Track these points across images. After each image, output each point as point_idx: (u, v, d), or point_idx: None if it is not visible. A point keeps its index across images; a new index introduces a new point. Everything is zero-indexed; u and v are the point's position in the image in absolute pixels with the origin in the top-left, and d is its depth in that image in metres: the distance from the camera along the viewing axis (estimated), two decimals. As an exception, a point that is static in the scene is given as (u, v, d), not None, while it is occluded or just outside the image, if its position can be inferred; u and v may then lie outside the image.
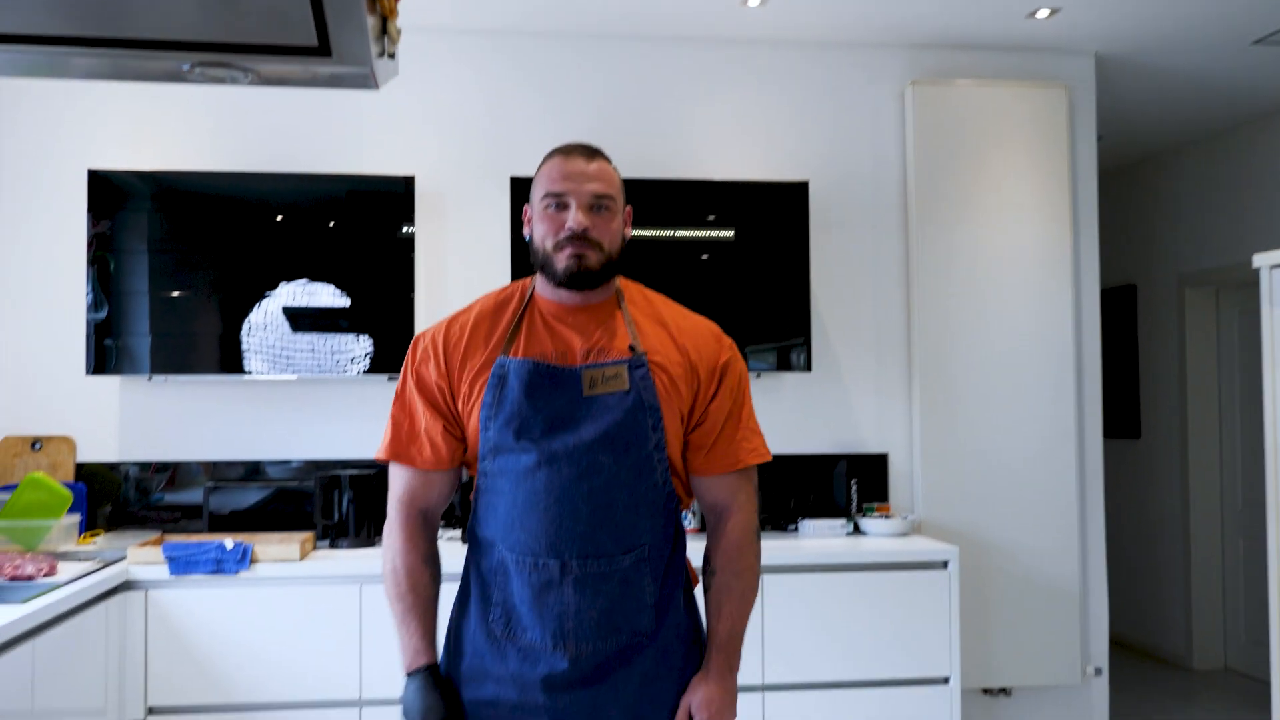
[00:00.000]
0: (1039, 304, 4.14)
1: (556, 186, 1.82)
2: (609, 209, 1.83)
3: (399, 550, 1.86)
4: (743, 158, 4.09)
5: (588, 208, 1.81)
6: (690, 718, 1.82)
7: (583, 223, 1.80)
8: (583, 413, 1.79)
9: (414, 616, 1.81)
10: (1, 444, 3.68)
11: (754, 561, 1.90)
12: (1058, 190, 4.17)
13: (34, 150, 3.78)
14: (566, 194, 1.81)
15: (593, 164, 1.83)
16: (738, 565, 1.88)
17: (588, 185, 1.81)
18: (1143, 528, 6.07)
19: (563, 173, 1.82)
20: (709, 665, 1.86)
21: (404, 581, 1.83)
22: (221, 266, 3.62)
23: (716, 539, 1.91)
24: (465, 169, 3.96)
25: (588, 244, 1.81)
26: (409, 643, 1.80)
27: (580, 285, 1.84)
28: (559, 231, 1.81)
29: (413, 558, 1.85)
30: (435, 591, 1.87)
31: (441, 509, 1.94)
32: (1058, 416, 4.13)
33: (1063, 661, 4.07)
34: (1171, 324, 5.84)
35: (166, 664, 3.14)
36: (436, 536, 1.93)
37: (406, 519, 1.88)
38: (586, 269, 1.81)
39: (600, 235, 1.82)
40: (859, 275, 4.15)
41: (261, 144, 3.86)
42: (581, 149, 1.86)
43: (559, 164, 1.83)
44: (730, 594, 1.88)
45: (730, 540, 1.89)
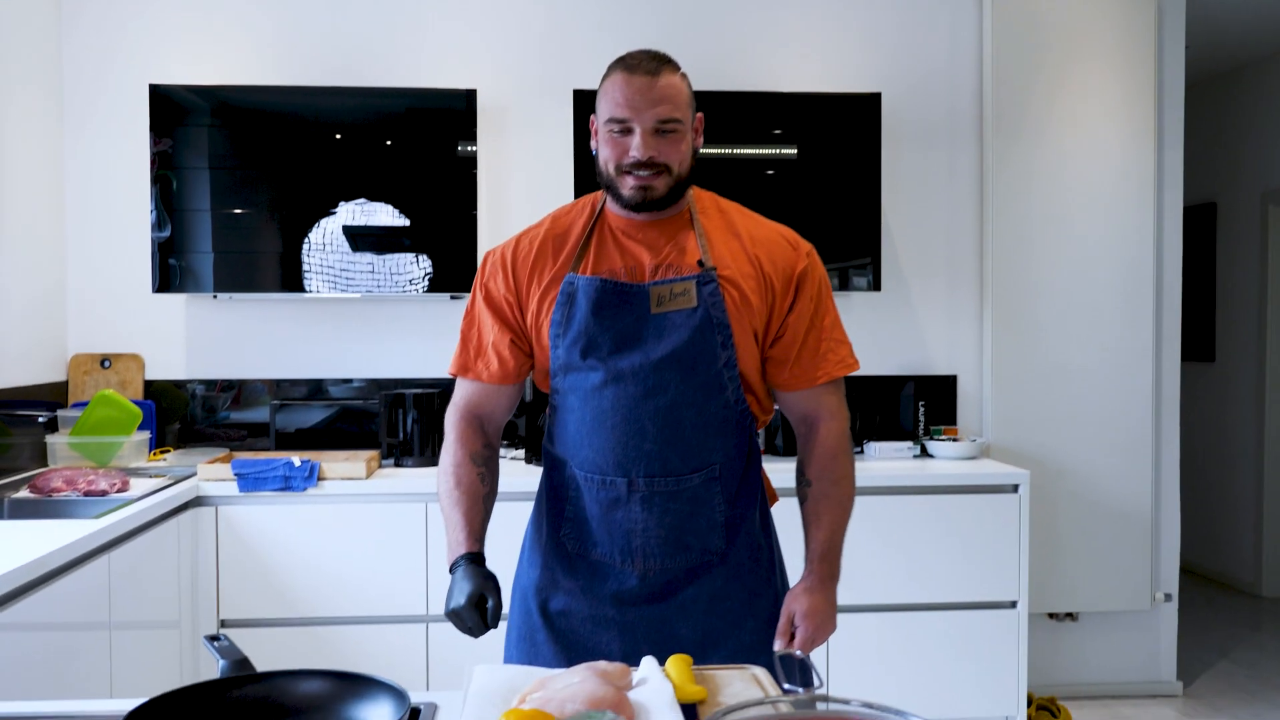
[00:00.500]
0: (1118, 221, 3.99)
1: (620, 111, 1.72)
2: (676, 130, 1.73)
3: (449, 449, 1.85)
4: (810, 69, 3.95)
5: (652, 132, 1.72)
6: (793, 628, 1.77)
7: (647, 151, 1.71)
8: (650, 331, 1.74)
9: (458, 510, 1.77)
10: (72, 361, 3.72)
11: (850, 470, 1.85)
12: (1142, 103, 3.98)
13: (96, 66, 3.75)
14: (629, 119, 1.71)
15: (658, 81, 1.71)
16: (834, 473, 1.83)
17: (652, 109, 1.70)
18: (1214, 453, 5.93)
19: (626, 96, 1.71)
20: (811, 575, 1.81)
21: (450, 478, 1.81)
22: (281, 185, 3.59)
23: (809, 450, 1.86)
24: (526, 82, 3.87)
25: (654, 170, 1.73)
26: (452, 538, 1.76)
27: (647, 210, 1.78)
28: (622, 158, 1.73)
29: (460, 454, 1.83)
30: (484, 489, 1.83)
31: (502, 420, 1.91)
32: (1134, 338, 4.01)
33: (1132, 587, 4.01)
34: (1253, 243, 5.63)
35: (237, 578, 3.19)
36: (493, 444, 1.89)
37: (460, 419, 1.87)
38: (653, 197, 1.74)
39: (667, 158, 1.73)
40: (930, 192, 4.02)
41: (321, 57, 3.80)
42: (646, 63, 1.72)
43: (621, 84, 1.72)
44: (828, 502, 1.83)
45: (824, 449, 1.84)
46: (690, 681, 1.37)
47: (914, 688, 3.41)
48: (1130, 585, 4.01)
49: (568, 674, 1.35)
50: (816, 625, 1.77)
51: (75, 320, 3.76)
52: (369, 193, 3.61)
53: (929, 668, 3.42)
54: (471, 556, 1.72)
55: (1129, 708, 3.97)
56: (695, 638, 1.78)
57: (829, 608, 1.80)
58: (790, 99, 3.79)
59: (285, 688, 1.31)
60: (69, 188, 3.75)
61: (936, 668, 3.42)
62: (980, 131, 4.02)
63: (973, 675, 3.44)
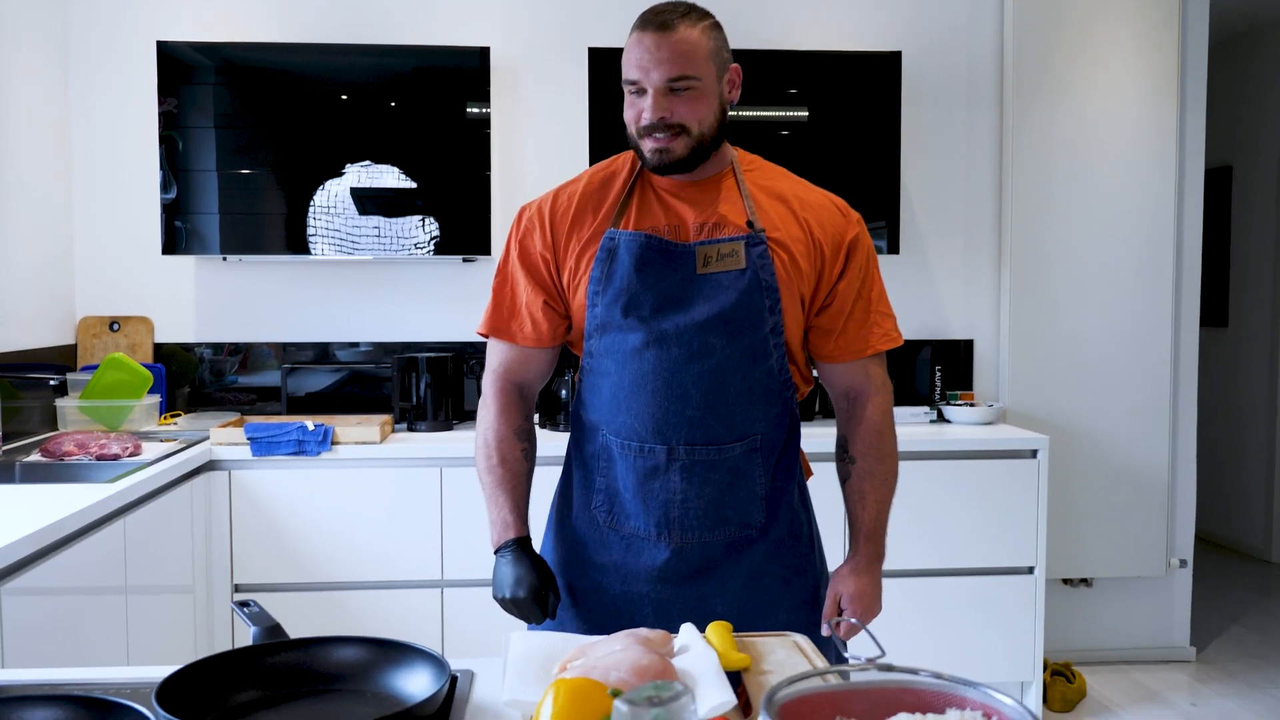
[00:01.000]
0: (1139, 185, 3.94)
1: (632, 73, 1.65)
2: (691, 88, 1.64)
3: (490, 423, 1.78)
4: (828, 26, 3.88)
5: (665, 92, 1.64)
6: (839, 611, 1.74)
7: (657, 112, 1.64)
8: (694, 291, 1.67)
9: (503, 490, 1.72)
10: (80, 324, 3.68)
11: (894, 445, 1.80)
12: (1165, 64, 3.92)
13: (103, 23, 3.67)
14: (640, 80, 1.64)
15: (670, 36, 1.62)
16: (879, 450, 1.78)
17: (661, 69, 1.62)
18: (1225, 419, 5.90)
19: (636, 55, 1.64)
20: (857, 555, 1.77)
21: (494, 454, 1.75)
22: (287, 146, 3.53)
23: (854, 425, 1.80)
24: (540, 40, 3.80)
25: (669, 133, 1.65)
26: (498, 516, 1.71)
27: (670, 173, 1.71)
28: (638, 120, 1.67)
29: (504, 429, 1.76)
30: (528, 467, 1.78)
31: (539, 386, 1.85)
32: (1153, 303, 3.96)
33: (1147, 553, 3.99)
34: (1269, 208, 5.57)
35: (251, 543, 3.17)
36: (532, 413, 1.84)
37: (500, 391, 1.80)
38: (670, 160, 1.67)
39: (683, 117, 1.65)
40: (948, 154, 3.96)
41: (330, 14, 3.73)
42: (657, 20, 1.63)
43: (634, 41, 1.65)
44: (874, 481, 1.78)
45: (870, 425, 1.79)
46: (733, 649, 1.34)
47: (931, 653, 3.40)
48: (1145, 551, 3.99)
49: (608, 641, 1.31)
50: (864, 608, 1.74)
51: (83, 282, 3.71)
52: (375, 154, 3.55)
53: (946, 633, 3.41)
54: (520, 541, 1.69)
55: (1142, 673, 3.97)
56: (731, 617, 1.70)
57: (876, 589, 1.77)
58: (807, 57, 3.72)
59: (321, 655, 1.28)
60: (75, 148, 3.69)
61: (953, 633, 3.41)
62: (1000, 92, 3.95)
63: (989, 640, 3.43)
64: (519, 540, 1.69)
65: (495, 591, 1.67)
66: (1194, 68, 3.99)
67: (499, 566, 1.68)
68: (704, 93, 1.66)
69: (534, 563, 1.68)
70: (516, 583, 1.63)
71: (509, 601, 1.64)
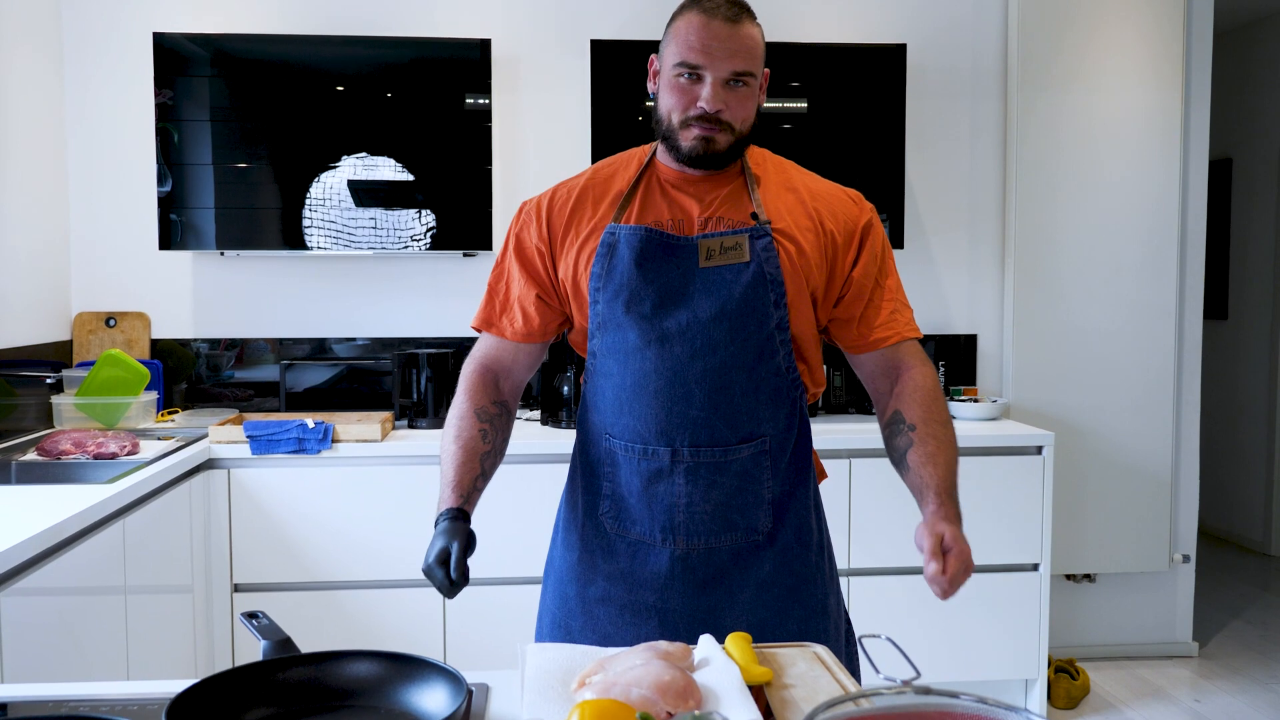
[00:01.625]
0: (1143, 177, 3.91)
1: (692, 57, 1.58)
2: (747, 84, 1.61)
3: (455, 401, 1.73)
4: (831, 19, 3.84)
5: (724, 84, 1.59)
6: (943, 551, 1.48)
7: (716, 103, 1.59)
8: (697, 286, 1.63)
9: (451, 465, 1.63)
10: (76, 320, 3.63)
11: (949, 413, 1.67)
12: (1169, 57, 3.89)
13: (98, 14, 3.62)
14: (702, 67, 1.59)
15: (738, 30, 1.58)
16: (939, 414, 1.64)
17: (728, 60, 1.58)
18: (1225, 412, 5.89)
19: (701, 40, 1.57)
20: (943, 507, 1.53)
21: (450, 429, 1.69)
22: (283, 138, 3.48)
23: (905, 394, 1.67)
24: (542, 32, 3.76)
25: (719, 126, 1.61)
26: (441, 492, 1.62)
27: (704, 166, 1.66)
28: (688, 108, 1.61)
29: (465, 406, 1.71)
30: (484, 449, 1.67)
31: (520, 379, 1.80)
32: (1157, 297, 3.94)
33: (1151, 549, 3.98)
34: (1269, 200, 5.55)
35: (250, 542, 3.13)
36: (506, 401, 1.77)
37: (473, 373, 1.75)
38: (714, 150, 1.63)
39: (734, 116, 1.62)
40: (952, 147, 3.93)
41: (326, 4, 3.67)
42: (725, 8, 1.59)
43: (698, 25, 1.58)
44: (940, 442, 1.60)
45: (924, 391, 1.65)
46: (754, 662, 1.31)
47: (936, 650, 3.38)
48: (1148, 546, 3.98)
49: (628, 654, 1.29)
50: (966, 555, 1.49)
51: (79, 278, 3.67)
52: (372, 146, 3.51)
53: (951, 630, 3.39)
54: (453, 513, 1.58)
55: (1146, 669, 3.96)
56: (740, 627, 1.66)
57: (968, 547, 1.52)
58: (812, 50, 3.68)
59: (334, 670, 1.26)
60: (70, 142, 3.64)
61: (958, 630, 3.39)
62: (1005, 84, 3.92)
63: (994, 637, 3.41)
64: (450, 511, 1.58)
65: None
66: (1198, 59, 3.96)
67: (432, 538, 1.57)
68: (754, 91, 1.64)
69: (452, 530, 1.54)
70: (429, 551, 1.52)
71: (424, 570, 1.52)
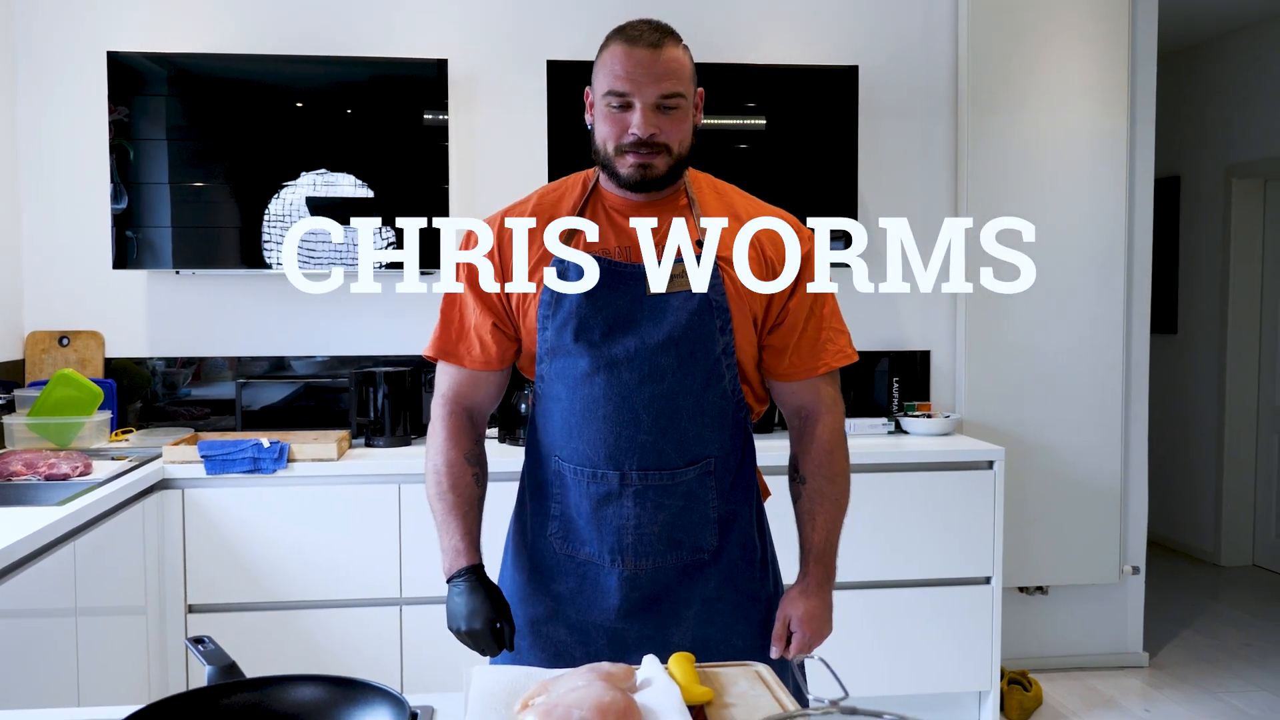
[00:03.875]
0: (1090, 195, 3.99)
1: (620, 85, 1.61)
2: (679, 107, 1.64)
3: (440, 448, 1.75)
4: (785, 41, 3.90)
5: (654, 108, 1.62)
6: (789, 633, 1.73)
7: (648, 128, 1.62)
8: (645, 314, 1.66)
9: (455, 516, 1.69)
10: (28, 339, 3.60)
11: (845, 465, 1.79)
12: (1115, 78, 3.98)
13: (53, 32, 3.60)
14: (630, 94, 1.61)
15: (661, 54, 1.61)
16: (829, 470, 1.76)
17: (655, 85, 1.61)
18: (1175, 425, 6.00)
19: (626, 68, 1.61)
20: (807, 577, 1.75)
21: (445, 480, 1.72)
22: (241, 156, 3.48)
23: (805, 445, 1.79)
24: (498, 52, 3.78)
25: (654, 150, 1.63)
26: (449, 544, 1.68)
27: (645, 190, 1.69)
28: (621, 135, 1.64)
29: (454, 455, 1.73)
30: (479, 492, 1.76)
31: (490, 409, 1.82)
32: (1106, 313, 4.02)
33: (1101, 561, 4.05)
34: (1216, 216, 5.67)
35: (205, 563, 3.12)
36: (483, 436, 1.82)
37: (450, 415, 1.77)
38: (652, 175, 1.65)
39: (668, 138, 1.64)
40: (904, 165, 3.99)
41: (284, 24, 3.68)
42: (648, 34, 1.62)
43: (622, 55, 1.61)
44: (824, 501, 1.76)
45: (820, 445, 1.77)
46: (695, 682, 1.34)
47: (889, 663, 3.42)
48: (1099, 558, 4.04)
49: (571, 675, 1.31)
50: (814, 630, 1.73)
51: (32, 296, 3.64)
52: (331, 163, 3.52)
53: (904, 643, 3.43)
54: (474, 569, 1.66)
55: (1097, 679, 4.02)
56: (687, 645, 1.71)
57: (826, 611, 1.75)
58: (766, 71, 3.73)
59: (278, 695, 1.26)
60: (23, 160, 3.62)
61: (911, 643, 3.43)
62: (955, 105, 3.99)
63: (947, 650, 3.45)
64: (472, 568, 1.66)
65: (450, 623, 1.65)
66: (1143, 81, 4.06)
67: (452, 597, 1.65)
68: (686, 112, 1.66)
69: (488, 592, 1.65)
70: (472, 614, 1.61)
71: (464, 634, 1.62)
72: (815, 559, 1.76)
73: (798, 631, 1.72)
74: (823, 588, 1.76)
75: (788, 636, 1.73)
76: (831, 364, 1.77)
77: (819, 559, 1.76)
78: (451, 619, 1.64)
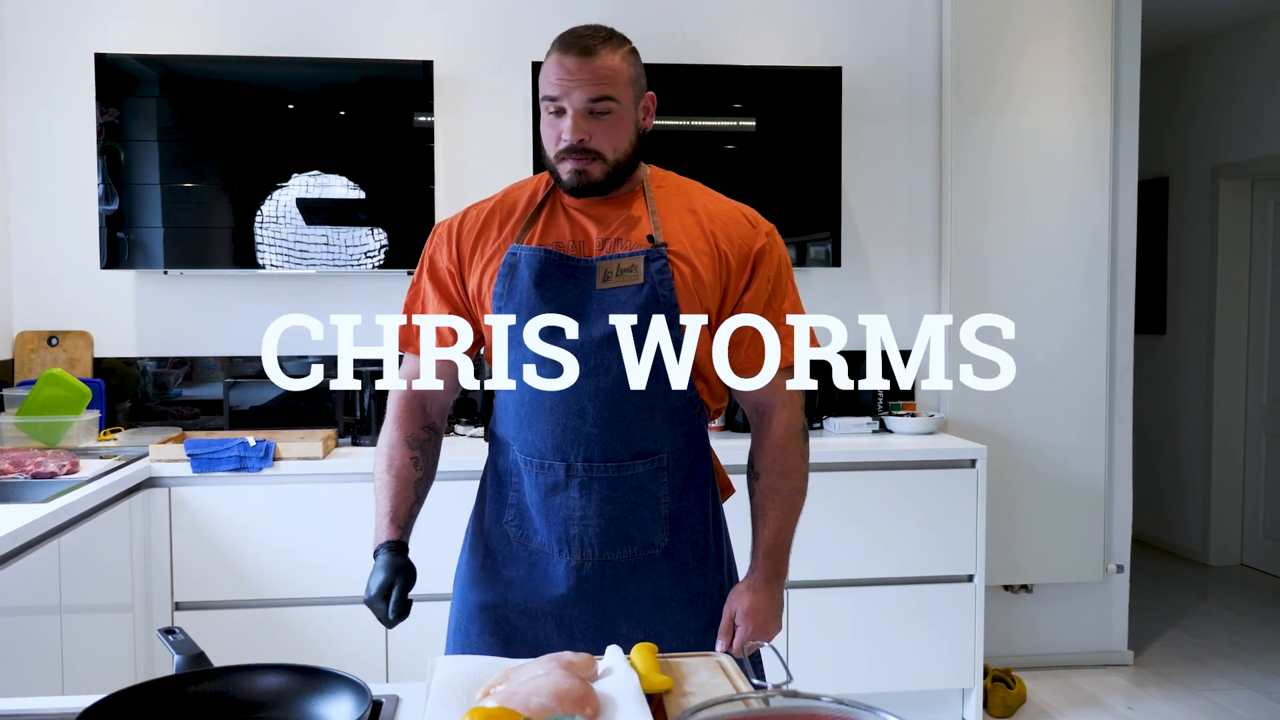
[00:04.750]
0: (1074, 196, 4.02)
1: (551, 89, 1.64)
2: (612, 111, 1.65)
3: (385, 430, 1.80)
4: (770, 42, 3.93)
5: (585, 113, 1.63)
6: (734, 627, 1.73)
7: (577, 134, 1.64)
8: (593, 307, 1.68)
9: (386, 495, 1.72)
10: (17, 339, 3.63)
11: (800, 462, 1.78)
12: (1099, 79, 4.00)
13: (41, 34, 3.63)
14: (561, 98, 1.63)
15: (590, 60, 1.62)
16: (782, 466, 1.77)
17: (583, 90, 1.62)
18: (1164, 424, 6.03)
19: (558, 74, 1.63)
20: (754, 573, 1.76)
21: (383, 459, 1.76)
22: (232, 157, 3.51)
23: (760, 440, 1.80)
24: (483, 54, 3.81)
25: (586, 156, 1.65)
26: (379, 520, 1.71)
27: (583, 196, 1.71)
28: (557, 141, 1.66)
29: (396, 436, 1.78)
30: (416, 476, 1.76)
31: (446, 399, 1.85)
32: (1089, 313, 4.05)
33: (1085, 559, 4.07)
34: (1203, 217, 5.70)
35: (192, 560, 3.14)
36: (434, 425, 1.84)
37: (401, 398, 1.82)
38: (588, 182, 1.67)
39: (600, 143, 1.65)
40: (890, 167, 4.02)
41: (273, 26, 3.71)
42: (580, 40, 1.63)
43: (554, 61, 1.64)
44: (775, 496, 1.77)
45: (774, 440, 1.77)
46: (656, 671, 1.36)
47: (873, 660, 3.45)
48: (1083, 557, 4.07)
49: (533, 665, 1.33)
50: (757, 625, 1.71)
51: (20, 296, 3.67)
52: (323, 164, 3.55)
53: (888, 641, 3.45)
54: (392, 545, 1.67)
55: (1081, 677, 4.04)
56: (637, 638, 1.69)
57: (772, 607, 1.74)
58: (750, 72, 3.76)
59: (243, 683, 1.29)
60: (11, 160, 3.64)
61: (895, 641, 3.46)
62: (940, 106, 4.02)
63: (930, 647, 3.48)
64: (387, 543, 1.67)
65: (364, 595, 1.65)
66: (1127, 82, 4.09)
67: (372, 571, 1.66)
68: (621, 117, 1.67)
69: (397, 567, 1.64)
70: (371, 583, 1.61)
71: (367, 603, 1.61)
72: (765, 554, 1.76)
73: (741, 625, 1.71)
74: (770, 584, 1.75)
75: (733, 630, 1.73)
76: (788, 359, 1.77)
77: (768, 554, 1.76)
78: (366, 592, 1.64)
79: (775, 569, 1.76)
